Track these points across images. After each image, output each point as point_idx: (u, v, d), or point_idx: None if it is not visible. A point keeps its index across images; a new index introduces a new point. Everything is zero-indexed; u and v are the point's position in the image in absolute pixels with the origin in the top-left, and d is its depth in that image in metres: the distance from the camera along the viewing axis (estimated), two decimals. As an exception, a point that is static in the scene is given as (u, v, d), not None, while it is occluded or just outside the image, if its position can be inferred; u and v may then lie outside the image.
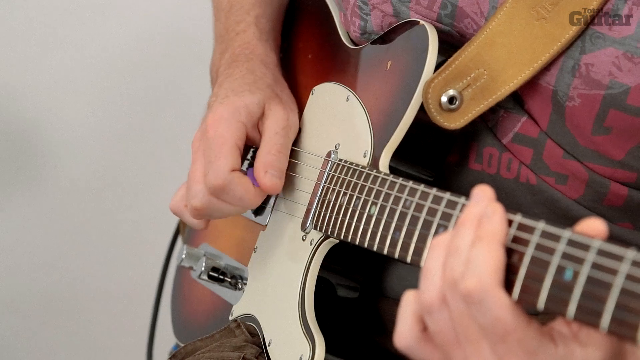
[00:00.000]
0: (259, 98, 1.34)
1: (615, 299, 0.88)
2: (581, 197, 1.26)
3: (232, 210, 1.32)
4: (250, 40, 1.43)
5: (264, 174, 1.30)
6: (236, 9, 1.48)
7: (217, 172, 1.29)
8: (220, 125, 1.31)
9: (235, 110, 1.32)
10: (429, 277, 0.99)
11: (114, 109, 2.58)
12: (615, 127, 1.20)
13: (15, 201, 2.59)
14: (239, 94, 1.34)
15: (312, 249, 1.29)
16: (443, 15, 1.26)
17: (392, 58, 1.29)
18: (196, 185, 1.31)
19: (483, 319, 0.95)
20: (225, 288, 1.43)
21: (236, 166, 1.30)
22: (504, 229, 0.98)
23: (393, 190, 1.17)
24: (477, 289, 0.95)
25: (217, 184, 1.28)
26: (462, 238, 0.98)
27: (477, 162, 1.29)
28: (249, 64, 1.40)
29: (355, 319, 1.35)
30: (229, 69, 1.40)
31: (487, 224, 0.98)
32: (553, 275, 0.93)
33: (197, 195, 1.30)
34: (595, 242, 0.91)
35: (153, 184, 2.58)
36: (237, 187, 1.29)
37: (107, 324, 2.65)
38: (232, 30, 1.46)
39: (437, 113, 1.22)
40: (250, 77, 1.37)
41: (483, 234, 0.98)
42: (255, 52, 1.42)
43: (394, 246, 1.14)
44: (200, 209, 1.31)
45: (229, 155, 1.29)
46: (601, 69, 1.17)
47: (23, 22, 2.52)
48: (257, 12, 1.47)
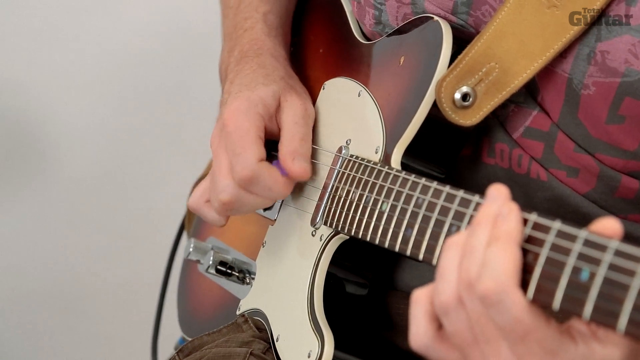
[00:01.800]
0: (274, 90, 1.33)
1: (633, 301, 0.87)
2: (592, 190, 1.26)
3: (260, 203, 1.30)
4: (258, 36, 1.43)
5: (292, 161, 1.28)
6: (244, 5, 1.47)
7: (244, 163, 1.27)
8: (238, 117, 1.30)
9: (251, 102, 1.31)
10: (445, 277, 0.99)
11: (118, 104, 2.57)
12: (630, 116, 1.19)
13: (20, 197, 2.59)
14: (253, 88, 1.33)
15: (322, 244, 1.28)
16: (459, 4, 1.25)
17: (405, 54, 1.28)
18: (224, 179, 1.29)
19: (501, 320, 0.95)
20: (232, 282, 1.42)
21: (263, 156, 1.28)
22: (520, 229, 0.97)
23: (405, 188, 1.16)
24: (495, 290, 0.95)
25: (246, 175, 1.27)
26: (477, 238, 0.97)
27: (490, 156, 1.28)
28: (259, 58, 1.39)
29: (364, 314, 1.34)
30: (239, 66, 1.39)
31: (503, 223, 0.98)
32: (569, 276, 0.93)
33: (226, 189, 1.28)
34: (613, 243, 0.91)
35: (157, 178, 2.57)
36: (267, 176, 1.27)
37: (112, 318, 2.65)
38: (240, 27, 1.45)
39: (452, 111, 1.22)
40: (262, 71, 1.36)
41: (499, 234, 0.97)
42: (264, 47, 1.41)
43: (406, 243, 1.13)
44: (229, 202, 1.29)
45: (254, 145, 1.28)
46: (617, 57, 1.16)
47: (26, 20, 2.51)
48: (266, 8, 1.46)
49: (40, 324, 2.63)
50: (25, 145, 2.57)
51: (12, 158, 2.57)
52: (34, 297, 2.62)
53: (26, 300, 2.63)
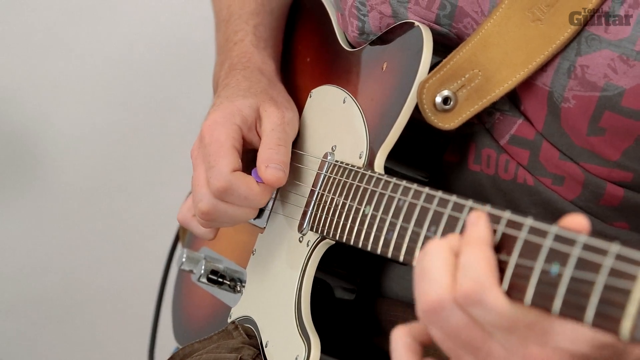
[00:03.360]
0: (251, 101, 1.35)
1: (599, 294, 0.88)
2: (577, 198, 1.26)
3: (240, 213, 1.32)
4: (247, 49, 1.44)
5: (265, 168, 1.30)
6: (235, 18, 1.49)
7: (218, 174, 1.29)
8: (215, 129, 1.32)
9: (229, 113, 1.33)
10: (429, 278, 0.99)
11: (114, 112, 2.59)
12: (610, 129, 1.19)
13: (16, 205, 2.60)
14: (232, 100, 1.35)
15: (309, 250, 1.29)
16: (442, 16, 1.26)
17: (387, 59, 1.29)
18: (200, 189, 1.31)
19: (486, 318, 0.95)
20: (224, 291, 1.43)
21: (237, 166, 1.30)
22: (489, 231, 0.99)
23: (387, 190, 1.17)
24: (474, 289, 0.95)
25: (221, 186, 1.29)
26: (433, 261, 0.98)
27: (476, 162, 1.29)
28: (245, 72, 1.41)
29: (352, 319, 1.35)
30: (227, 79, 1.41)
31: (472, 229, 0.99)
32: (540, 272, 0.93)
33: (203, 198, 1.31)
34: (581, 237, 0.91)
35: (154, 187, 2.58)
36: (240, 186, 1.29)
37: (109, 327, 2.65)
38: (231, 40, 1.47)
39: (432, 113, 1.23)
40: (245, 84, 1.38)
41: (470, 239, 0.98)
42: (252, 59, 1.43)
43: (387, 246, 1.14)
44: (207, 212, 1.31)
45: (228, 156, 1.30)
46: (596, 71, 1.17)
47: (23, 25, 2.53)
48: (256, 21, 1.48)
49: (36, 332, 2.64)
50: (21, 153, 2.58)
51: (8, 165, 2.58)
52: (30, 305, 2.63)
53: (22, 308, 2.63)
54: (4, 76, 2.54)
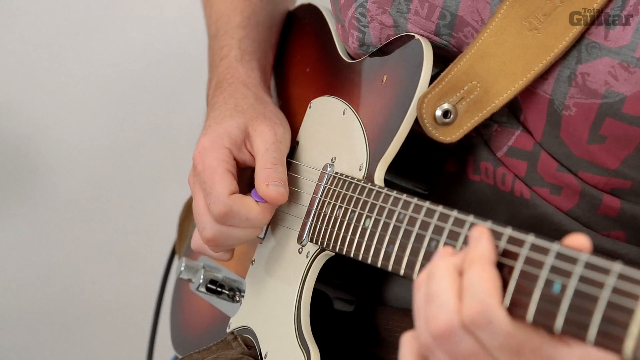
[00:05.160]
0: (239, 121, 1.35)
1: (602, 312, 0.88)
2: (575, 207, 1.27)
3: (245, 233, 1.32)
4: (231, 64, 1.45)
5: (266, 187, 1.30)
6: (221, 34, 1.50)
7: (216, 200, 1.30)
8: (205, 156, 1.32)
9: (217, 137, 1.34)
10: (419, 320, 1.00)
11: (114, 120, 2.58)
12: (611, 136, 1.20)
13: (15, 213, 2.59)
14: (220, 122, 1.36)
15: (308, 261, 1.30)
16: (441, 26, 1.27)
17: (387, 72, 1.29)
18: (202, 217, 1.32)
19: (494, 340, 0.95)
20: (223, 300, 1.44)
21: (233, 189, 1.31)
22: (492, 248, 0.99)
23: (387, 204, 1.18)
24: (481, 311, 0.95)
25: (221, 211, 1.29)
26: (439, 284, 0.98)
27: (476, 173, 1.30)
28: (230, 88, 1.41)
29: (351, 330, 1.35)
30: (214, 98, 1.42)
31: (475, 246, 0.99)
32: (542, 289, 0.94)
33: (206, 226, 1.32)
34: (583, 256, 0.92)
35: (153, 196, 2.58)
36: (240, 208, 1.30)
37: (107, 336, 2.65)
38: (218, 56, 1.48)
39: (432, 127, 1.23)
40: (231, 102, 1.39)
41: (473, 258, 0.98)
42: (236, 74, 1.43)
43: (387, 259, 1.14)
44: (212, 239, 1.32)
45: (223, 180, 1.30)
46: (597, 79, 1.18)
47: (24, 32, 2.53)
48: (241, 34, 1.48)
49: (33, 342, 2.63)
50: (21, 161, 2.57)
51: (8, 173, 2.58)
52: (28, 317, 2.62)
53: (18, 317, 2.63)
54: (4, 83, 2.54)
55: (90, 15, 2.54)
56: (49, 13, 2.52)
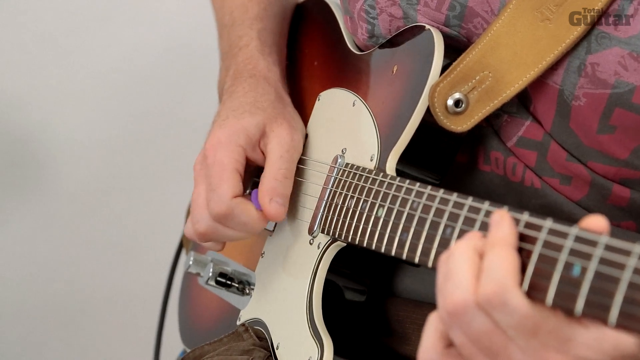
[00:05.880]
0: (258, 120, 1.35)
1: (624, 293, 0.89)
2: (585, 197, 1.27)
3: (237, 235, 1.33)
4: (252, 54, 1.44)
5: (269, 202, 1.30)
6: (238, 23, 1.49)
7: (219, 199, 1.30)
8: (218, 150, 1.32)
9: (233, 133, 1.33)
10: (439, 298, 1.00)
11: (117, 117, 2.59)
12: (620, 126, 1.20)
13: (20, 210, 2.59)
14: (238, 116, 1.35)
15: (320, 252, 1.30)
16: (451, 17, 1.27)
17: (398, 63, 1.30)
18: (200, 210, 1.32)
19: (509, 321, 0.96)
20: (232, 294, 1.44)
21: (238, 192, 1.31)
22: (513, 232, 0.99)
23: (400, 192, 1.18)
24: (497, 292, 0.95)
25: (221, 211, 1.30)
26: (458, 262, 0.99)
27: (486, 163, 1.30)
28: (252, 79, 1.41)
29: (363, 320, 1.36)
30: (232, 86, 1.41)
31: (496, 230, 1.00)
32: (561, 272, 0.94)
33: (201, 220, 1.32)
34: (603, 238, 0.92)
35: (158, 191, 2.58)
36: (241, 214, 1.30)
37: (114, 331, 2.65)
38: (235, 45, 1.47)
39: (444, 116, 1.23)
40: (251, 96, 1.38)
41: (494, 241, 0.99)
42: (258, 67, 1.43)
43: (402, 247, 1.15)
44: (204, 233, 1.33)
45: (229, 181, 1.30)
46: (607, 69, 1.18)
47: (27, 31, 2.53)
48: (260, 25, 1.48)
49: (40, 337, 2.64)
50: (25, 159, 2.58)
51: (12, 170, 2.58)
52: (34, 310, 2.62)
53: (26, 313, 2.63)
54: (7, 81, 2.54)
55: (94, 11, 2.54)
56: (53, 8, 2.52)
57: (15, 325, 2.64)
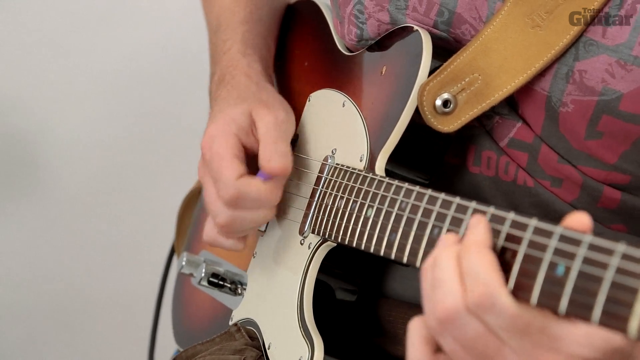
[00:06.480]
0: (243, 108, 1.36)
1: (606, 293, 0.89)
2: (576, 200, 1.28)
3: (257, 215, 1.32)
4: (233, 57, 1.45)
5: (268, 162, 1.30)
6: (223, 27, 1.50)
7: (225, 185, 1.30)
8: (213, 143, 1.33)
9: (224, 124, 1.34)
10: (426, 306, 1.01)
11: (115, 118, 2.59)
12: (608, 132, 1.21)
13: (17, 210, 2.60)
14: (224, 111, 1.36)
15: (310, 252, 1.31)
16: (439, 22, 1.28)
17: (387, 63, 1.30)
18: (214, 204, 1.32)
19: (500, 321, 0.96)
20: (225, 294, 1.44)
21: (241, 173, 1.31)
22: (487, 234, 1.00)
23: (389, 193, 1.18)
24: (485, 293, 0.96)
25: (231, 195, 1.30)
26: (444, 271, 1.00)
27: (476, 164, 1.30)
28: (233, 81, 1.42)
29: (354, 320, 1.36)
30: (217, 92, 1.42)
31: (470, 234, 1.01)
32: (545, 271, 0.95)
33: (219, 213, 1.32)
34: (587, 237, 0.93)
35: (153, 192, 2.59)
36: (249, 189, 1.30)
37: (108, 331, 2.65)
38: (220, 50, 1.48)
39: (432, 116, 1.24)
40: (234, 93, 1.39)
41: (468, 244, 1.00)
42: (238, 67, 1.43)
43: (390, 247, 1.15)
44: (226, 224, 1.32)
45: (230, 165, 1.31)
46: (594, 76, 1.19)
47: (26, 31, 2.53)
48: (244, 28, 1.49)
49: (36, 337, 2.64)
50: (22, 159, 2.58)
51: (10, 170, 2.58)
52: (29, 310, 2.63)
53: (21, 313, 2.63)
54: (6, 81, 2.55)
55: (94, 11, 2.54)
56: (53, 8, 2.53)
57: (10, 325, 2.64)
